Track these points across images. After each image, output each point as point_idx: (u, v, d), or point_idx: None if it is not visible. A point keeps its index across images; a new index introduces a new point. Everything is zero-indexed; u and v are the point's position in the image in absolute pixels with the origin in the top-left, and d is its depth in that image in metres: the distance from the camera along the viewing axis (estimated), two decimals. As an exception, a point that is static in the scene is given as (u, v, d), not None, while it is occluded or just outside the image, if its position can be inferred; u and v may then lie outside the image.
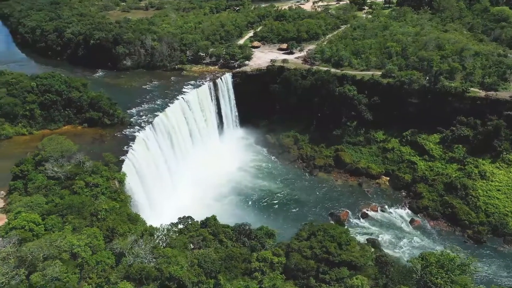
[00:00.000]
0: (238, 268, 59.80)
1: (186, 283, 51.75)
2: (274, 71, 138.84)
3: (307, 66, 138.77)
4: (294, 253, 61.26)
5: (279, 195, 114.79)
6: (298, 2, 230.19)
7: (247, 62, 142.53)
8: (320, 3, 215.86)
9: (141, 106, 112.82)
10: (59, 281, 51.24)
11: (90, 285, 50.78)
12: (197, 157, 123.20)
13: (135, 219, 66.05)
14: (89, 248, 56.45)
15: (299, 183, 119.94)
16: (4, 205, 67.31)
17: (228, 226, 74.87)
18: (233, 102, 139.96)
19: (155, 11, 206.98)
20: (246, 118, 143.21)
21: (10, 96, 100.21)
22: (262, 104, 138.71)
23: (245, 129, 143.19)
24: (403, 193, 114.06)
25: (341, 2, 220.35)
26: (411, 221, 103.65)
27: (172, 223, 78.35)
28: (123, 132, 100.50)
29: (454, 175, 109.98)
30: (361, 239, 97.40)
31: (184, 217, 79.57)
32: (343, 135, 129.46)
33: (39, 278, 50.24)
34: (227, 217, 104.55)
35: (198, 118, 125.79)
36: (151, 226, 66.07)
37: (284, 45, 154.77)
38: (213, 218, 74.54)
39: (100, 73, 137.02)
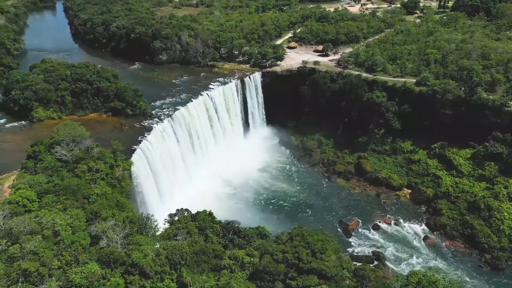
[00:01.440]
0: (209, 263, 60.44)
1: (147, 271, 53.50)
2: (304, 73, 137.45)
3: (339, 70, 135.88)
4: (267, 255, 60.77)
5: (293, 198, 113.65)
6: (348, 3, 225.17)
7: (279, 62, 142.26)
8: (369, 6, 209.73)
9: (165, 100, 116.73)
10: (36, 255, 55.10)
11: (60, 262, 54.13)
12: (219, 154, 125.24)
13: (123, 206, 68.99)
14: (70, 228, 60.08)
15: (316, 188, 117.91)
16: (13, 181, 73.45)
17: (218, 222, 75.66)
18: (261, 101, 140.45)
19: (204, 9, 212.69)
20: (274, 118, 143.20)
21: (46, 82, 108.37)
22: (291, 105, 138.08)
23: (272, 129, 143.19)
24: (423, 208, 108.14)
25: (393, 5, 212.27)
26: (425, 238, 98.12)
27: (170, 214, 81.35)
28: (142, 123, 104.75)
29: (480, 194, 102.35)
30: (367, 250, 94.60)
31: (181, 209, 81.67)
32: (369, 142, 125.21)
33: (16, 250, 54.41)
34: (236, 214, 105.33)
35: (222, 115, 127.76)
36: (134, 213, 68.62)
37: (320, 47, 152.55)
38: (204, 212, 75.60)
39: (137, 65, 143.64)
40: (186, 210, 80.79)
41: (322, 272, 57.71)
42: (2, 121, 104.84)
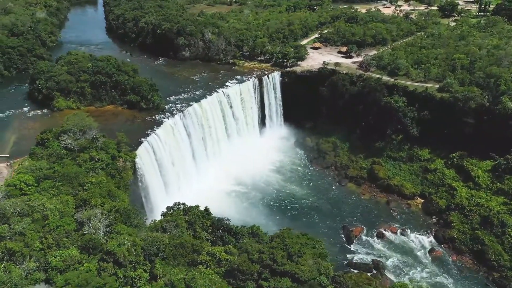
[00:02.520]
0: (186, 257, 61.24)
1: (120, 259, 55.05)
2: (325, 74, 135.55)
3: (359, 72, 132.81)
4: (243, 254, 60.77)
5: (301, 201, 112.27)
6: (383, 5, 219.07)
7: (300, 62, 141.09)
8: (405, 7, 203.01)
9: (181, 95, 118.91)
10: (22, 236, 58.25)
11: (42, 244, 56.91)
12: (232, 151, 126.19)
13: (115, 196, 71.24)
14: (58, 213, 62.95)
15: (325, 191, 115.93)
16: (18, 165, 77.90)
17: (209, 218, 76.51)
18: (279, 101, 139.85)
19: (237, 7, 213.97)
20: (291, 118, 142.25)
21: (68, 74, 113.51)
22: (309, 105, 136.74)
23: (289, 129, 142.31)
24: (434, 220, 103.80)
25: (430, 8, 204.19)
26: (431, 251, 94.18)
27: (168, 207, 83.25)
28: (154, 117, 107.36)
29: (495, 209, 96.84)
30: (367, 258, 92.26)
31: (178, 203, 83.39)
32: (385, 148, 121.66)
33: (5, 230, 57.77)
34: (241, 212, 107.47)
35: (238, 113, 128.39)
36: (123, 203, 70.49)
37: (344, 48, 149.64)
38: (195, 207, 76.72)
39: (160, 61, 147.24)
40: (183, 204, 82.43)
41: (296, 276, 56.91)
42: (26, 109, 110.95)
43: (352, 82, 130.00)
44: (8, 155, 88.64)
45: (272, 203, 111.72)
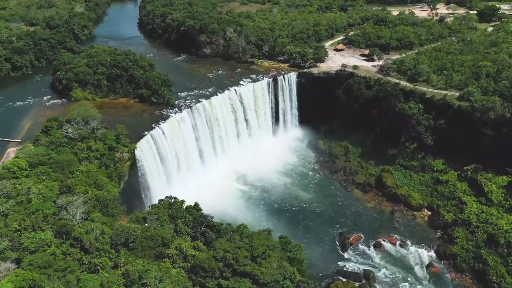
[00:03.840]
0: (155, 250, 62.37)
1: (86, 246, 57.12)
2: (342, 76, 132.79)
3: (378, 76, 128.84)
4: (210, 251, 61.09)
5: (304, 204, 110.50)
6: (421, 7, 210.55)
7: (319, 64, 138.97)
8: (443, 11, 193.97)
9: (193, 91, 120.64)
10: (5, 216, 61.93)
11: (19, 226, 60.20)
12: (241, 150, 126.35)
13: (101, 185, 73.81)
14: (42, 197, 66.26)
15: (330, 196, 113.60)
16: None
17: (193, 214, 77.44)
18: (295, 102, 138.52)
19: (270, 6, 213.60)
20: (307, 120, 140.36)
21: (87, 66, 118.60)
22: (326, 108, 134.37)
23: (304, 131, 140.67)
24: (438, 234, 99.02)
25: (470, 12, 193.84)
26: (429, 265, 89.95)
27: (160, 200, 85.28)
28: (162, 111, 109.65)
29: (504, 228, 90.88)
30: (359, 267, 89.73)
31: (169, 196, 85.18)
32: (397, 155, 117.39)
33: (-12, 210, 61.74)
34: (241, 211, 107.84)
35: (250, 112, 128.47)
36: (106, 193, 72.62)
37: (367, 51, 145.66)
38: (180, 202, 77.87)
39: (182, 57, 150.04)
40: (174, 198, 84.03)
41: (255, 278, 56.49)
42: (46, 98, 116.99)
43: (369, 86, 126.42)
44: (19, 140, 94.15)
45: (274, 205, 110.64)
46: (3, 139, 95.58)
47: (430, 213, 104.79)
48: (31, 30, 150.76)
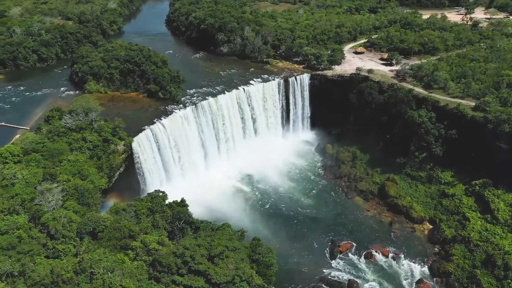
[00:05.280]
0: (121, 241, 63.75)
1: (52, 232, 59.46)
2: (356, 80, 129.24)
3: (393, 81, 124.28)
4: (172, 247, 61.63)
5: (301, 208, 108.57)
6: (457, 11, 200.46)
7: (335, 66, 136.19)
8: (480, 16, 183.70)
9: (201, 89, 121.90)
10: (-12, 198, 65.73)
11: (-5, 208, 63.76)
12: (248, 150, 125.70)
13: (85, 175, 76.45)
14: (25, 182, 69.69)
15: (330, 202, 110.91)
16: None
17: (174, 209, 78.38)
18: (307, 104, 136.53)
19: (300, 6, 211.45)
20: (319, 122, 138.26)
21: (103, 60, 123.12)
22: (338, 111, 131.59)
23: (315, 134, 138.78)
24: (436, 249, 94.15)
25: (511, 17, 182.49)
26: (419, 281, 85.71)
27: (148, 193, 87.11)
28: (166, 107, 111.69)
29: (506, 249, 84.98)
30: (344, 277, 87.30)
31: (157, 190, 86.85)
32: (405, 165, 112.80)
33: (-27, 192, 65.71)
34: (236, 210, 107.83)
35: (258, 111, 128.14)
36: (83, 183, 74.63)
37: (386, 55, 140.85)
38: (162, 197, 79.00)
39: (200, 54, 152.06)
40: (162, 192, 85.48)
41: (208, 277, 56.47)
42: (63, 89, 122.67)
43: (382, 91, 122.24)
44: (28, 128, 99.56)
45: (272, 208, 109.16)
46: (13, 125, 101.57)
47: (431, 227, 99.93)
48: (61, 24, 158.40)
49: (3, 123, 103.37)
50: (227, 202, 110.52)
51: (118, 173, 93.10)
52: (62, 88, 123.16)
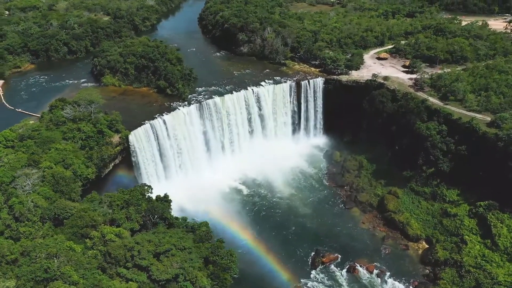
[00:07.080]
0: (82, 229, 66.05)
1: (16, 214, 62.99)
2: (372, 86, 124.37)
3: (409, 90, 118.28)
4: (125, 240, 62.97)
5: (294, 217, 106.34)
6: (504, 19, 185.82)
7: (352, 71, 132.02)
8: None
9: (210, 88, 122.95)
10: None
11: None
12: (254, 151, 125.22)
13: (69, 163, 79.94)
14: (9, 166, 74.36)
15: (325, 211, 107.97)
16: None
17: (147, 203, 79.83)
18: (320, 108, 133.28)
19: (336, 8, 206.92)
20: (333, 128, 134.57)
21: (120, 55, 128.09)
22: (352, 118, 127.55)
23: (326, 139, 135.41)
24: (427, 271, 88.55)
25: None
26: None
27: (135, 186, 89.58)
28: (172, 104, 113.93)
29: (498, 279, 78.35)
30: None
31: (143, 184, 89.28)
32: (411, 179, 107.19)
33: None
34: (229, 210, 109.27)
35: (267, 113, 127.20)
36: (63, 171, 77.74)
37: (408, 62, 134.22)
38: (141, 191, 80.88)
39: (221, 53, 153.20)
40: (148, 186, 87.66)
41: (149, 273, 57.25)
42: (82, 80, 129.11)
43: (395, 100, 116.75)
44: (39, 115, 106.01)
45: (266, 213, 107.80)
46: (29, 113, 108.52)
47: (427, 246, 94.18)
48: (94, 19, 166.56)
49: (20, 110, 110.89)
50: (223, 203, 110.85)
51: (112, 164, 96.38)
52: (81, 80, 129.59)
